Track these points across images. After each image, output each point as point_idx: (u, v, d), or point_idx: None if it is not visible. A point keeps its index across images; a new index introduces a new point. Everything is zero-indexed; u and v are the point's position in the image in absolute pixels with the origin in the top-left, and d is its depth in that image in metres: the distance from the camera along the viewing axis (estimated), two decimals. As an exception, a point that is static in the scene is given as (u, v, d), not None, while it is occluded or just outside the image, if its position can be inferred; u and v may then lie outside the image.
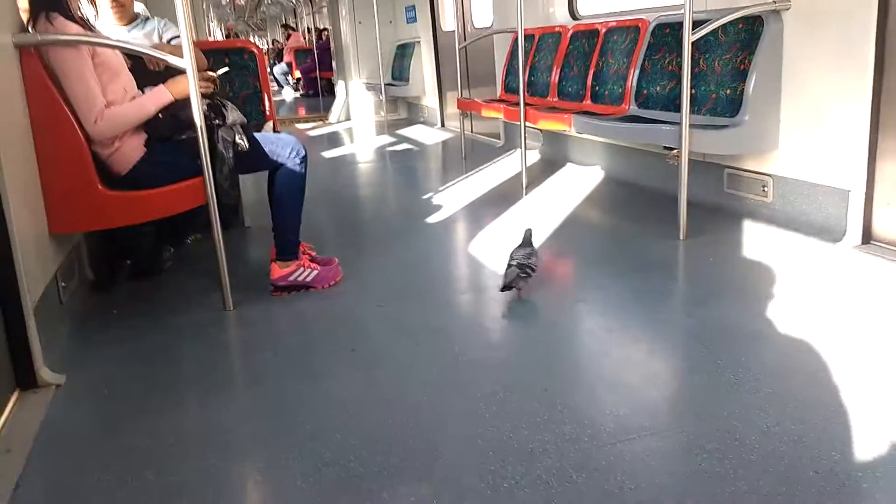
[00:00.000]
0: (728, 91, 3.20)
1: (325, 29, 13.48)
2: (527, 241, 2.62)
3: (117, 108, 2.35)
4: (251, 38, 25.55)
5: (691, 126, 2.99)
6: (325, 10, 13.95)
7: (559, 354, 2.07)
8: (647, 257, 2.90)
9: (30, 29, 2.27)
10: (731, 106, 3.18)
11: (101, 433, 1.76)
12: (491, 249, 3.39)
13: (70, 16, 2.27)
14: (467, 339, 2.23)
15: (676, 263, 2.89)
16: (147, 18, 3.25)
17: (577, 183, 4.41)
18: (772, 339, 2.08)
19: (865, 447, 1.50)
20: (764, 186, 3.25)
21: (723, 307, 2.33)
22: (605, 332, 2.22)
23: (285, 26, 17.80)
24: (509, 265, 2.47)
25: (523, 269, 2.43)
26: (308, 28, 17.57)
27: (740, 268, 2.73)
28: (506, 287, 2.43)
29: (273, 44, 21.51)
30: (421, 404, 1.80)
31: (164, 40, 3.13)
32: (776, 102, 3.11)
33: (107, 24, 3.01)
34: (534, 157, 5.24)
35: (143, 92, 2.48)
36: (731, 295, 2.43)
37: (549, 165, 4.95)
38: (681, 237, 3.05)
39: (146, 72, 2.65)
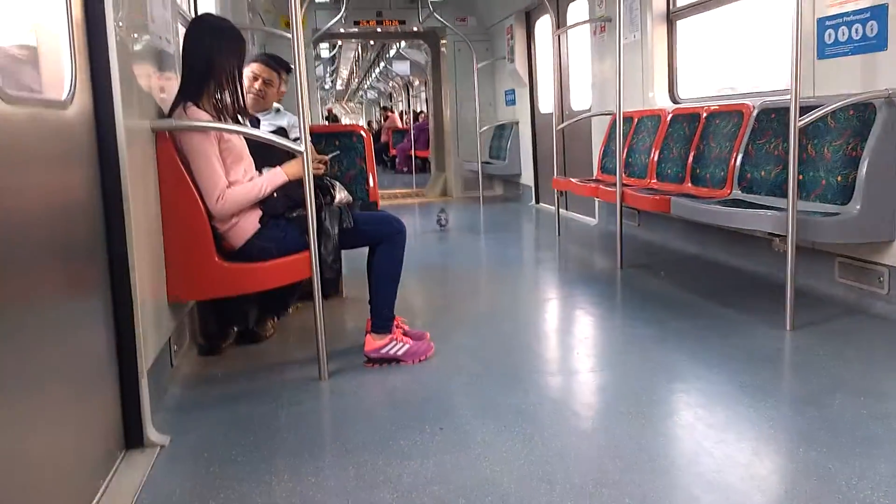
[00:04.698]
0: (839, 178, 3.08)
1: (421, 111, 14.12)
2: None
3: (237, 189, 2.55)
4: (344, 119, 27.42)
5: (799, 212, 2.89)
6: (422, 94, 14.64)
7: (654, 448, 1.99)
8: (751, 348, 2.76)
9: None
10: (843, 193, 3.05)
11: (198, 500, 1.82)
12: (584, 330, 3.35)
13: (208, 107, 2.53)
14: (556, 425, 2.18)
15: (783, 356, 2.74)
16: (278, 110, 3.55)
17: (676, 265, 4.31)
18: (890, 445, 1.91)
19: None
20: (880, 277, 3.06)
21: (835, 406, 2.18)
22: (705, 427, 2.12)
23: (384, 108, 18.83)
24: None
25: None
26: (403, 111, 18.57)
27: (854, 364, 2.55)
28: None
29: (369, 125, 22.82)
30: (507, 494, 1.76)
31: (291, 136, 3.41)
32: (891, 191, 2.96)
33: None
34: (630, 237, 5.17)
35: (260, 173, 2.68)
36: (843, 393, 2.27)
37: (646, 246, 4.88)
38: (787, 328, 2.90)
39: (263, 154, 2.85)
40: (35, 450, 1.48)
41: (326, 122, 17.36)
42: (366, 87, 22.38)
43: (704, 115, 4.26)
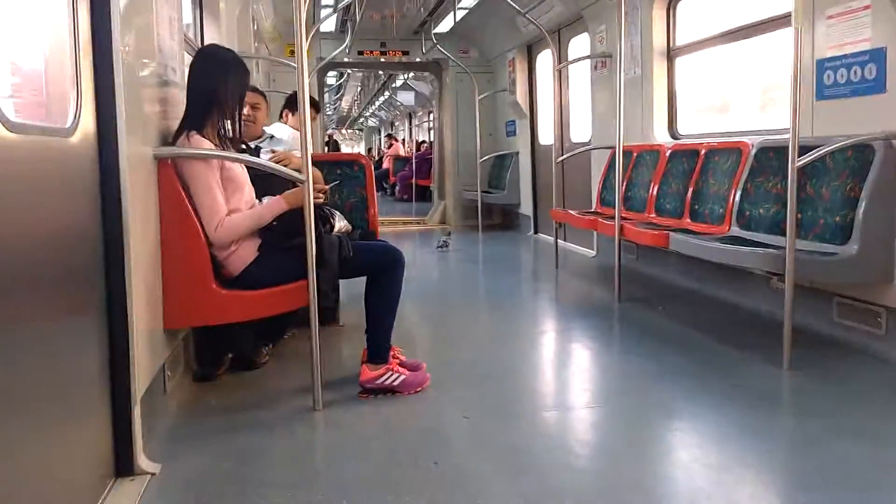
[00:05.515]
0: (837, 218, 3.09)
1: (423, 141, 14.20)
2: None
3: (236, 217, 2.55)
4: (343, 144, 27.85)
5: (797, 251, 2.89)
6: (425, 124, 14.70)
7: (651, 487, 1.96)
8: (748, 387, 2.74)
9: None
10: (841, 233, 3.06)
11: (188, 530, 1.79)
12: (581, 364, 3.33)
13: (211, 136, 2.55)
14: (553, 462, 2.16)
15: (780, 396, 2.72)
16: (272, 136, 3.57)
17: (675, 300, 4.30)
18: (888, 489, 1.90)
19: None
20: (878, 318, 3.06)
21: (834, 449, 2.16)
22: (702, 467, 2.10)
23: (389, 136, 19.04)
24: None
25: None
26: (405, 139, 18.77)
27: (851, 405, 2.53)
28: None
29: (369, 151, 22.95)
30: (502, 531, 1.74)
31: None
32: (890, 232, 2.97)
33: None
34: (629, 270, 5.16)
35: (261, 201, 2.69)
36: (841, 436, 2.25)
37: (645, 280, 4.87)
38: (785, 367, 2.88)
39: (264, 182, 2.86)
40: (23, 475, 1.46)
41: (327, 148, 17.44)
42: (367, 115, 22.59)
43: (703, 151, 4.29)
